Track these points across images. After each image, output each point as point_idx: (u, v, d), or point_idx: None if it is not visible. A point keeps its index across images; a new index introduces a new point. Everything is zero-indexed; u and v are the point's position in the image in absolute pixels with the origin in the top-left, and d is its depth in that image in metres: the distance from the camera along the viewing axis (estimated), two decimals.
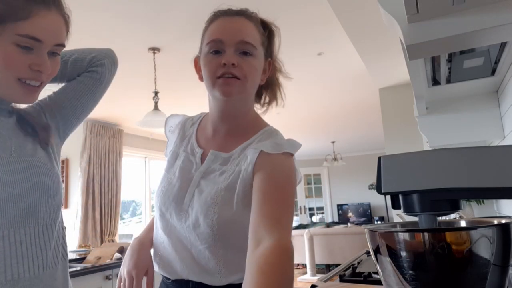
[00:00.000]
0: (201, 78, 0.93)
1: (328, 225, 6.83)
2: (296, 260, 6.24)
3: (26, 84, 0.76)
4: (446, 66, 1.40)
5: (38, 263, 0.77)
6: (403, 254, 0.51)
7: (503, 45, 1.25)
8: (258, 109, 1.01)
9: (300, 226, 7.06)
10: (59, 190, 0.85)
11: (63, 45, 0.81)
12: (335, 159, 8.79)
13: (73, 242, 4.55)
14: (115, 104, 4.66)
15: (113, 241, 4.99)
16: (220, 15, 0.91)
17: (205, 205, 0.83)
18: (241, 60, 0.85)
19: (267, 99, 1.01)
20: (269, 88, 1.00)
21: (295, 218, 8.37)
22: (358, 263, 1.39)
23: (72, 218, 4.76)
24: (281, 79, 1.04)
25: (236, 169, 0.86)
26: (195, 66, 0.97)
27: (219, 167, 0.88)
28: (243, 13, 0.91)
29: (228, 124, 0.93)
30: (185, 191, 0.89)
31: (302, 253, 5.87)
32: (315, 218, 10.20)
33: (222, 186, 0.84)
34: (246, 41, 0.86)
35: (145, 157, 6.14)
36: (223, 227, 0.82)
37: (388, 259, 0.53)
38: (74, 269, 2.69)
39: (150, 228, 0.99)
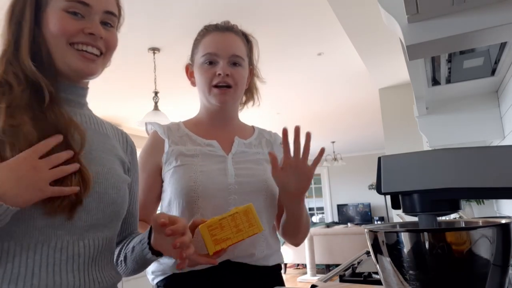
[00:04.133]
0: (193, 84, 1.09)
1: (328, 225, 6.83)
2: (296, 260, 6.24)
3: (81, 51, 0.74)
4: (446, 66, 1.40)
5: (94, 278, 0.71)
6: (403, 254, 0.51)
7: (503, 45, 1.25)
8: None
9: None
10: (124, 205, 0.79)
11: (114, 14, 0.79)
12: (335, 159, 8.78)
13: None
14: (115, 104, 4.66)
15: None
16: (212, 30, 1.05)
17: (254, 174, 1.02)
18: (233, 71, 1.01)
19: (244, 100, 1.16)
20: (248, 91, 1.15)
21: None
22: (358, 263, 1.39)
23: None
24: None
25: (266, 151, 1.09)
26: (187, 73, 1.11)
27: (246, 149, 1.06)
28: (231, 29, 1.05)
29: (226, 123, 1.09)
30: (225, 170, 0.99)
31: (302, 253, 5.86)
32: (315, 218, 10.20)
33: (265, 162, 1.07)
34: (237, 54, 1.02)
35: None
36: (271, 188, 1.03)
37: (388, 259, 0.53)
38: None
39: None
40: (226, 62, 1.00)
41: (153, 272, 1.01)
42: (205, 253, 0.82)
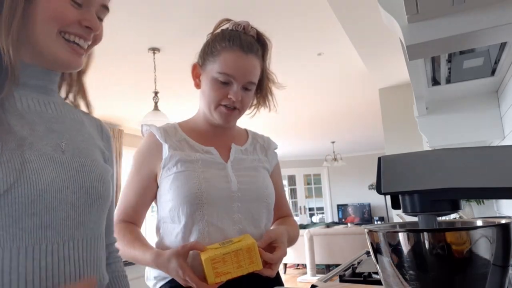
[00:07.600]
0: (197, 86, 1.06)
1: (328, 225, 6.83)
2: (296, 260, 6.23)
3: (71, 42, 0.66)
4: (446, 66, 1.40)
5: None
6: (403, 254, 0.51)
7: (503, 45, 1.25)
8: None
9: (300, 226, 7.05)
10: (109, 198, 0.74)
11: (107, 9, 0.72)
12: (335, 159, 8.78)
13: None
14: (115, 104, 4.66)
15: None
16: (236, 47, 0.99)
17: (255, 181, 1.05)
18: (244, 95, 1.01)
19: (255, 102, 1.13)
20: (260, 96, 1.13)
21: (295, 218, 8.44)
22: (358, 263, 1.39)
23: None
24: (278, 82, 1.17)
25: (262, 158, 1.12)
26: (192, 72, 1.07)
27: (243, 156, 1.07)
28: (253, 50, 1.01)
29: (224, 130, 1.09)
30: (227, 177, 1.00)
31: (302, 253, 5.86)
32: (315, 218, 10.20)
33: (262, 169, 1.10)
34: (252, 81, 1.01)
35: None
36: (271, 195, 1.08)
37: (388, 259, 0.53)
38: None
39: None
40: (240, 87, 0.99)
41: (155, 277, 1.01)
42: (201, 275, 0.88)
